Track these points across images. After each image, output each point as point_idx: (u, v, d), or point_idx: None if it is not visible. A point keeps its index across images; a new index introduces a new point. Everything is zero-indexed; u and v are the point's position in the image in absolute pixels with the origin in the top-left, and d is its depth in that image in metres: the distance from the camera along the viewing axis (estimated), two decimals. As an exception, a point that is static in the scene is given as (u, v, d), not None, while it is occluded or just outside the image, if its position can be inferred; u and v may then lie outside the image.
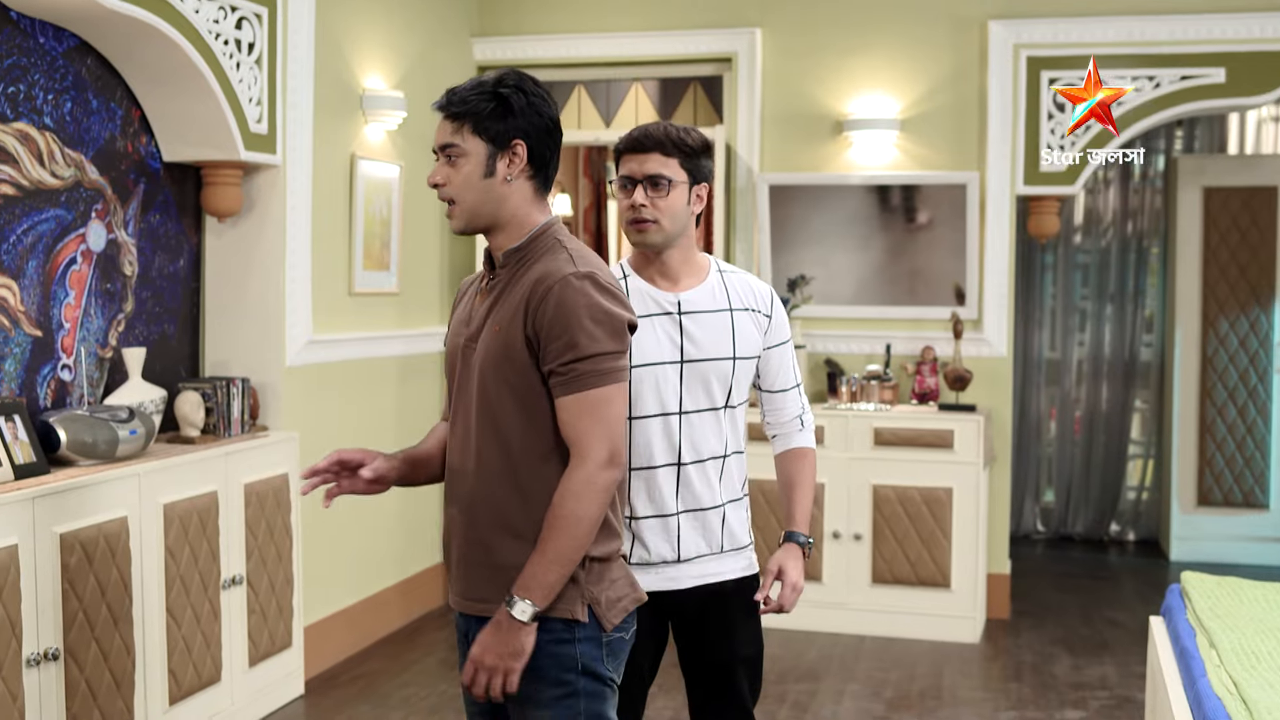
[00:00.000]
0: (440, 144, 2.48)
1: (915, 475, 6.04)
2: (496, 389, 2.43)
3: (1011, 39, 6.22)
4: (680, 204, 2.93)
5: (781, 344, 3.09)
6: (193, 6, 4.47)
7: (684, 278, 3.00)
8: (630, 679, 3.00)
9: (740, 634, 3.04)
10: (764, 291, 3.07)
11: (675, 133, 2.93)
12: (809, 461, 3.15)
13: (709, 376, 2.95)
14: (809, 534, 3.09)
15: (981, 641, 6.00)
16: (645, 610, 2.98)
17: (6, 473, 3.79)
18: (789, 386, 3.13)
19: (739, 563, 3.04)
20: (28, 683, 3.59)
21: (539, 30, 6.82)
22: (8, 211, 4.13)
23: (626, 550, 2.96)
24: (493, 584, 2.44)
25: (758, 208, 6.53)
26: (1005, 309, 6.34)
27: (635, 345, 2.93)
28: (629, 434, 2.94)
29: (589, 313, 2.37)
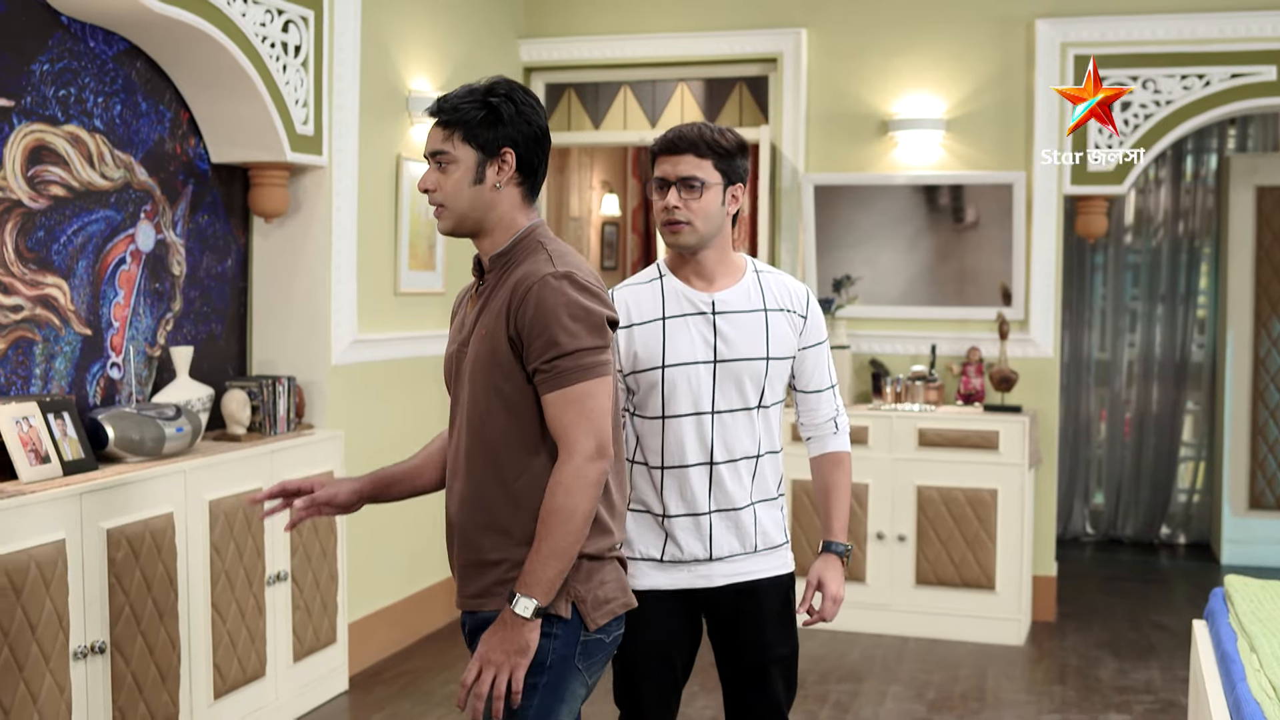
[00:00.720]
0: (431, 150, 2.54)
1: (960, 476, 6.01)
2: (484, 391, 2.48)
3: (1059, 37, 6.18)
4: (714, 205, 2.93)
5: (817, 345, 3.07)
6: (240, 10, 4.53)
7: (719, 278, 2.99)
8: (663, 676, 3.02)
9: (773, 634, 3.03)
10: (800, 292, 3.06)
11: (709, 134, 2.93)
12: (844, 467, 3.13)
13: (742, 376, 2.95)
14: (848, 541, 3.08)
15: (1026, 644, 5.96)
16: (679, 607, 3.00)
17: (55, 469, 3.86)
18: (823, 387, 3.11)
19: (772, 562, 3.03)
20: (75, 675, 3.66)
21: (585, 31, 6.84)
22: (58, 212, 4.20)
23: (659, 550, 2.98)
24: (485, 580, 2.49)
25: (802, 208, 6.52)
26: (1052, 309, 6.30)
27: (669, 345, 2.94)
28: (661, 432, 2.96)
29: (568, 310, 2.41)
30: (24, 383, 4.09)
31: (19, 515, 3.51)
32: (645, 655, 3.00)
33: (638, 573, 3.00)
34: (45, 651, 3.54)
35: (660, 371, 2.94)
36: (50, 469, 3.84)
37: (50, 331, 4.19)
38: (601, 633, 2.52)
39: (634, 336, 2.97)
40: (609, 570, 2.54)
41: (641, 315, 2.98)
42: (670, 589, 2.98)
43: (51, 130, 4.16)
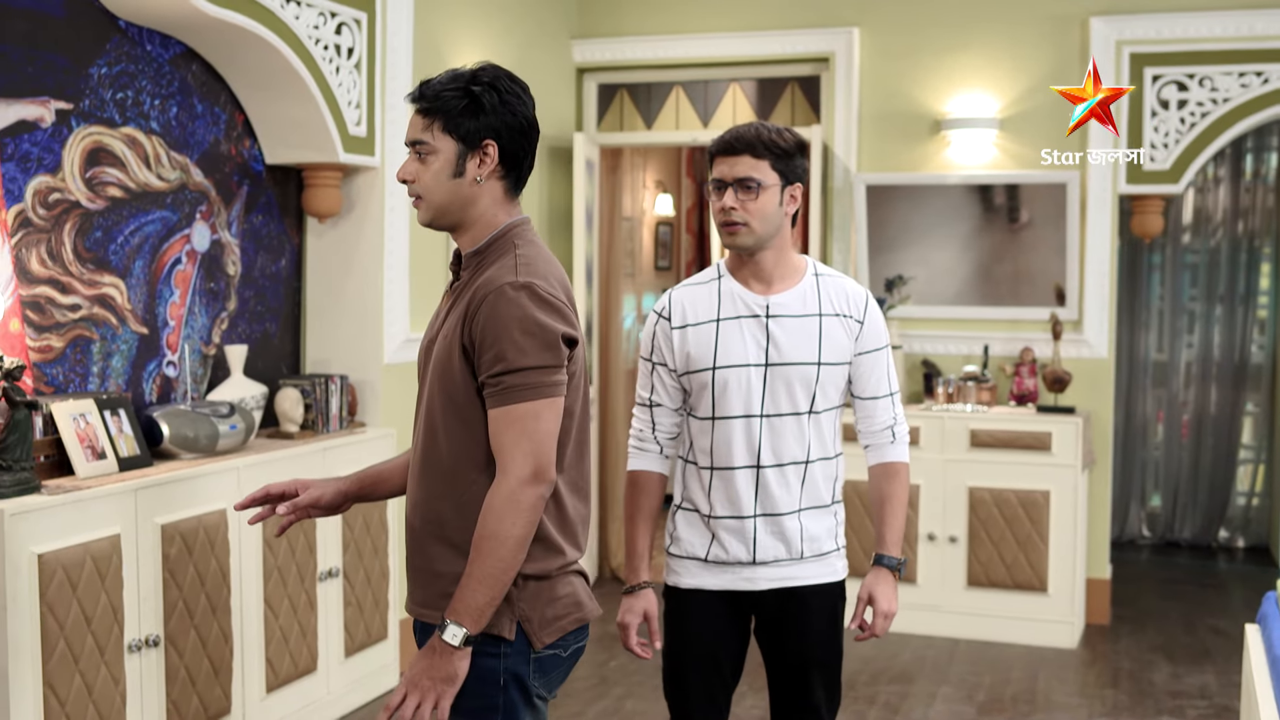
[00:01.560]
0: (410, 139, 2.42)
1: (1012, 477, 5.97)
2: (440, 396, 2.38)
3: (1114, 35, 6.12)
4: (771, 206, 2.90)
5: (874, 350, 3.01)
6: (293, 13, 4.59)
7: (777, 280, 2.97)
8: (708, 674, 3.01)
9: (816, 641, 3.01)
10: (858, 296, 3.01)
11: (767, 134, 2.90)
12: (900, 478, 3.06)
13: (792, 381, 2.92)
14: (902, 554, 3.01)
15: (1079, 647, 5.91)
16: (725, 608, 2.99)
17: (111, 465, 3.93)
18: (880, 395, 3.04)
19: (819, 569, 3.00)
20: (129, 668, 3.72)
21: (638, 32, 6.86)
22: (116, 213, 4.28)
23: (705, 550, 2.97)
24: (430, 590, 2.40)
25: (855, 208, 6.50)
26: (1107, 310, 6.24)
27: (721, 346, 2.93)
28: (710, 432, 2.96)
29: (520, 325, 2.29)
30: (82, 380, 4.17)
31: (76, 510, 3.58)
32: (691, 653, 3.02)
33: (684, 571, 3.01)
34: (100, 644, 3.60)
35: (711, 373, 2.94)
36: (106, 465, 3.91)
37: (107, 330, 4.26)
38: (557, 647, 2.42)
39: (687, 337, 2.97)
40: (560, 587, 2.41)
41: (696, 316, 2.98)
42: (715, 589, 2.98)
43: (109, 132, 4.24)
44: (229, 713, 4.17)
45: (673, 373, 3.01)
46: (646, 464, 3.08)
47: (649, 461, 3.08)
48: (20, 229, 3.92)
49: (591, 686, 5.28)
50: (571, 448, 2.42)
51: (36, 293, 3.99)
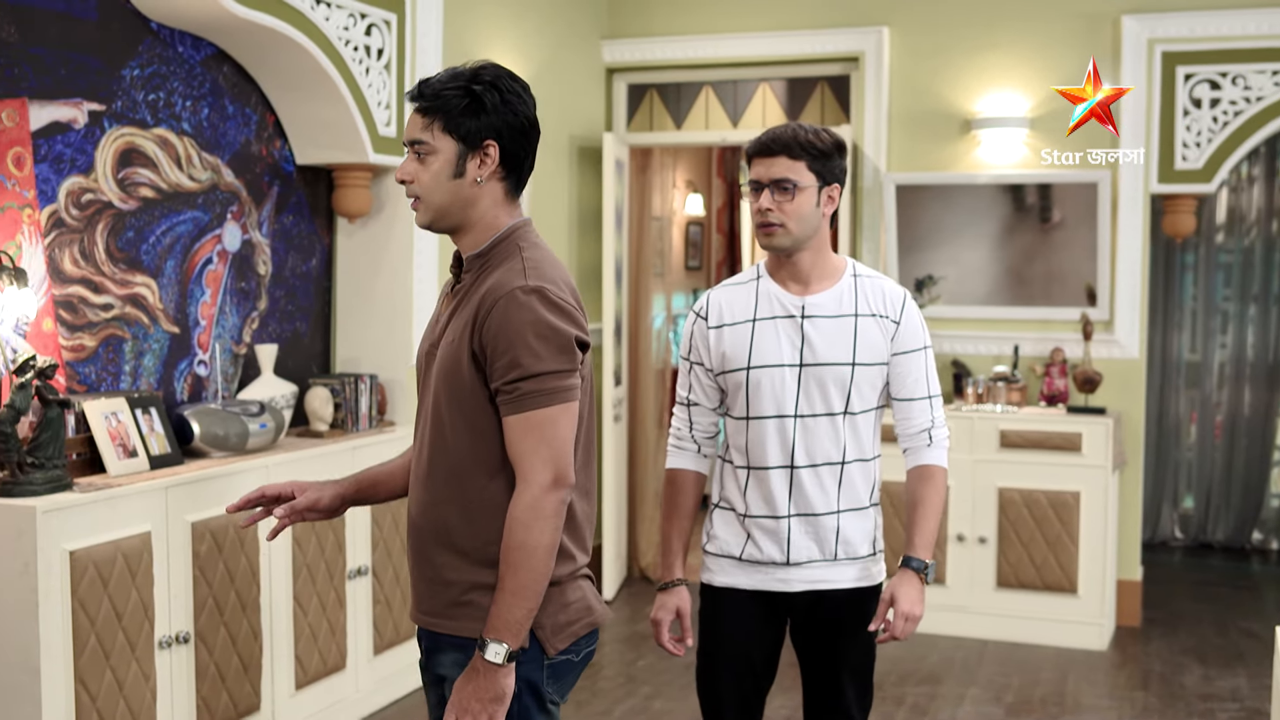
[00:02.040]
0: (409, 139, 2.38)
1: (1042, 478, 5.95)
2: (447, 402, 2.33)
3: (1145, 33, 6.09)
4: (808, 207, 2.90)
5: (911, 351, 2.97)
6: (323, 14, 4.62)
7: (815, 281, 2.96)
8: (740, 673, 3.02)
9: (848, 643, 3.00)
10: (895, 297, 2.98)
11: (804, 135, 2.89)
12: (935, 482, 3.01)
13: (826, 382, 2.91)
14: (930, 558, 2.96)
15: (1109, 649, 5.88)
16: (758, 608, 2.99)
17: (142, 463, 3.96)
18: (917, 396, 3.00)
19: (853, 572, 2.99)
20: (160, 664, 3.76)
21: (667, 32, 6.87)
22: (147, 213, 4.32)
23: (739, 549, 2.98)
24: (438, 599, 2.36)
25: (884, 207, 6.49)
26: (1138, 310, 6.21)
27: (756, 346, 2.94)
28: (745, 432, 2.96)
29: (534, 329, 2.26)
30: (114, 379, 4.21)
31: (107, 508, 3.62)
32: (723, 651, 3.02)
33: (719, 569, 3.02)
34: (131, 640, 3.64)
35: (745, 373, 2.94)
36: (137, 463, 3.95)
37: (139, 329, 4.30)
38: (569, 653, 2.40)
39: (723, 337, 2.98)
40: (571, 592, 2.40)
41: (733, 316, 2.99)
42: (749, 589, 2.99)
43: (141, 133, 4.28)
44: (258, 709, 4.20)
45: (709, 372, 3.02)
46: (683, 462, 3.09)
47: (686, 460, 3.09)
48: (53, 229, 3.97)
49: (619, 685, 5.29)
50: (580, 451, 2.39)
51: (69, 292, 4.03)
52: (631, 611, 6.44)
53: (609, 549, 6.66)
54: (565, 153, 6.61)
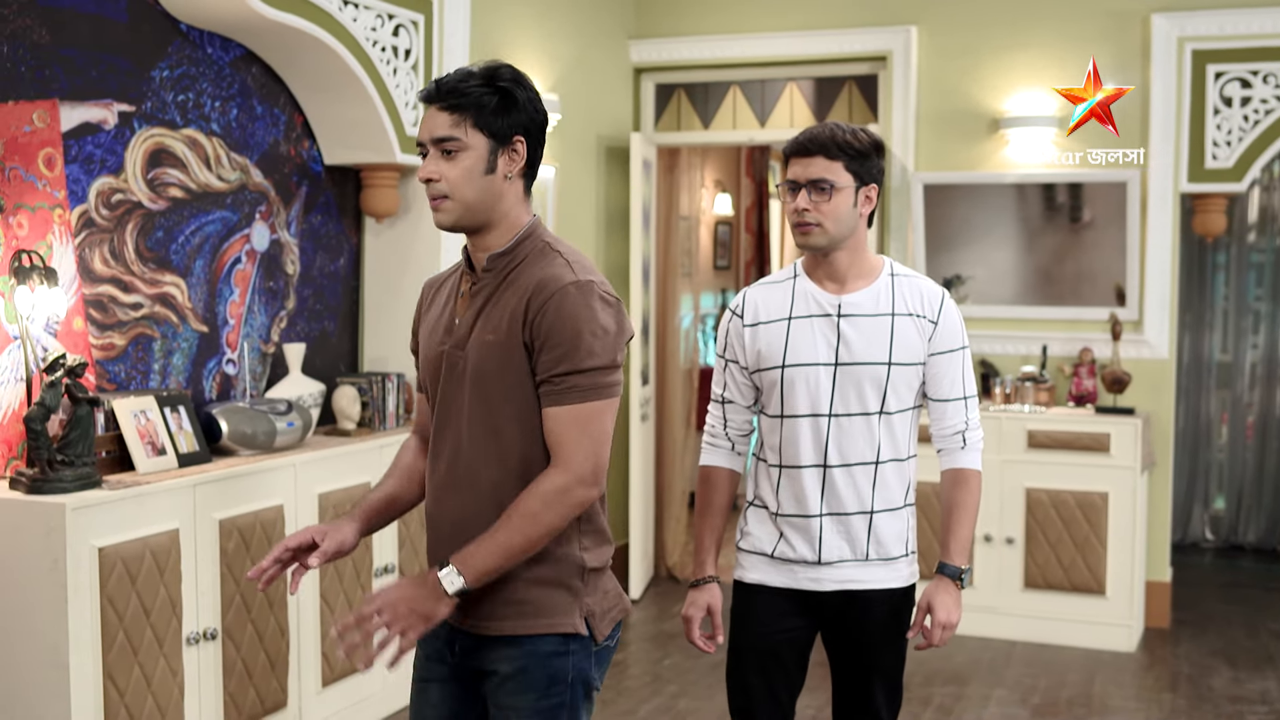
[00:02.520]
0: (435, 136, 2.35)
1: (1070, 479, 5.92)
2: (497, 400, 2.35)
3: (1175, 32, 6.05)
4: (845, 207, 2.89)
5: (947, 352, 2.96)
6: (351, 15, 4.64)
7: (851, 280, 2.95)
8: (770, 670, 3.00)
9: (878, 645, 2.99)
10: (933, 297, 2.96)
11: (841, 135, 2.88)
12: (969, 485, 2.99)
13: (862, 381, 2.90)
14: (966, 564, 2.95)
15: (1138, 650, 5.86)
16: (789, 605, 2.98)
17: (171, 461, 4.00)
18: (951, 397, 2.98)
19: (885, 573, 2.97)
20: (188, 660, 3.79)
21: (695, 31, 6.88)
22: (177, 213, 4.35)
23: (771, 546, 2.97)
24: (489, 601, 2.37)
25: (912, 207, 6.48)
26: (1167, 310, 6.17)
27: (791, 345, 2.93)
28: (779, 430, 2.96)
29: (589, 325, 2.30)
30: (143, 378, 4.24)
31: (135, 505, 3.65)
32: (753, 648, 3.01)
33: (750, 565, 3.02)
34: (159, 636, 3.67)
35: (780, 371, 2.94)
36: (166, 461, 3.98)
37: (168, 328, 4.34)
38: (610, 639, 2.47)
39: (758, 335, 2.98)
40: (608, 579, 2.47)
41: (769, 314, 2.98)
42: (780, 586, 2.98)
43: (170, 134, 4.31)
44: (285, 706, 4.23)
45: (744, 370, 3.02)
46: (717, 460, 3.10)
47: (720, 457, 3.10)
48: (84, 229, 4.01)
49: (645, 685, 5.30)
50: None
51: (99, 291, 4.07)
52: (658, 611, 6.45)
53: (636, 548, 6.67)
54: (593, 153, 6.62)
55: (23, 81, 3.78)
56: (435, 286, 2.57)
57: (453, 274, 2.55)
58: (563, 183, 6.23)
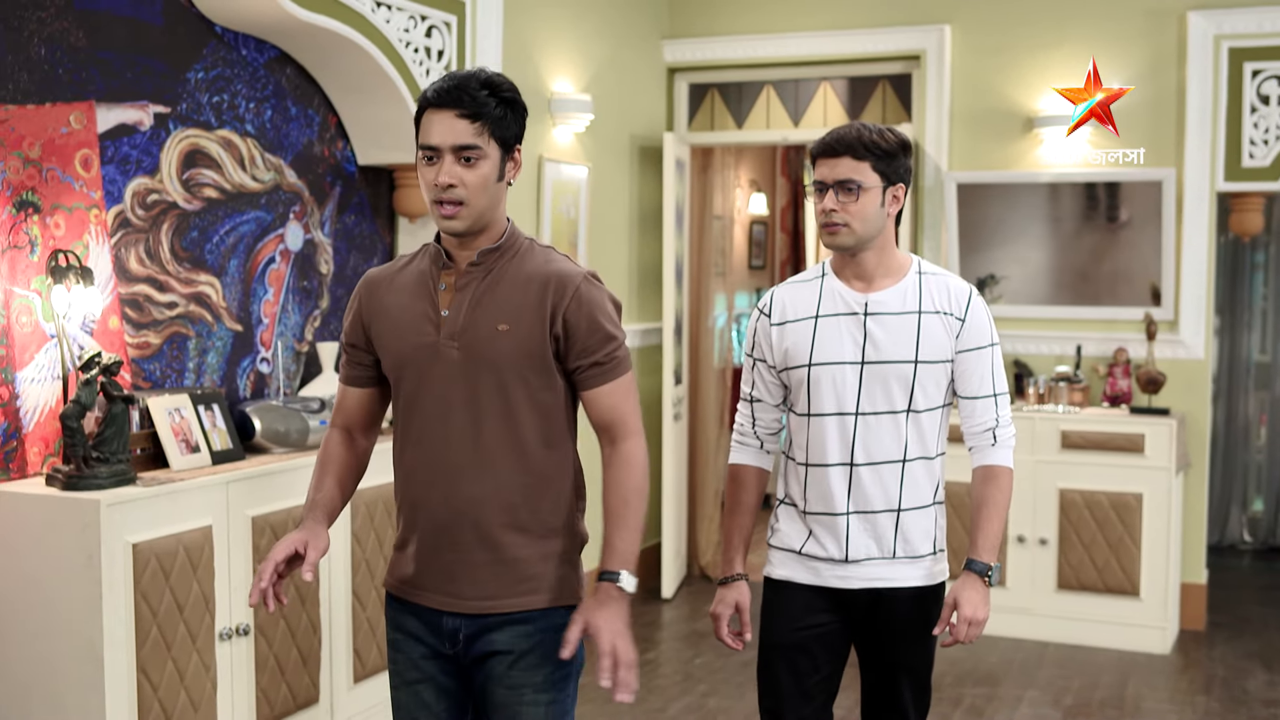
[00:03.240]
0: (459, 144, 2.42)
1: (1104, 480, 5.89)
2: (512, 385, 2.47)
3: (1212, 30, 6.01)
4: (873, 207, 2.89)
5: (976, 349, 2.96)
6: (384, 17, 4.68)
7: (879, 278, 2.95)
8: (798, 667, 2.99)
9: (906, 644, 2.99)
10: (961, 294, 2.96)
11: (868, 135, 2.89)
12: (1000, 482, 2.98)
13: (889, 379, 2.90)
14: (995, 561, 2.94)
15: (1172, 652, 5.82)
16: (818, 602, 2.98)
17: (204, 458, 4.04)
18: (981, 394, 2.98)
19: (913, 571, 2.96)
20: (220, 655, 3.83)
21: (728, 31, 6.89)
22: (211, 213, 4.40)
23: (800, 543, 2.98)
24: (501, 580, 2.49)
25: (945, 206, 6.46)
26: (1203, 310, 6.13)
27: (818, 343, 2.94)
28: (806, 429, 2.97)
29: (606, 309, 2.51)
30: (178, 376, 4.29)
31: (169, 502, 3.70)
32: (782, 644, 3.01)
33: (779, 562, 3.03)
34: (192, 631, 3.71)
35: (807, 370, 2.95)
36: (200, 458, 4.03)
37: (203, 327, 4.39)
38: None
39: (785, 333, 2.99)
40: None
41: (796, 313, 2.99)
42: (808, 583, 2.99)
43: (205, 135, 4.36)
44: (317, 701, 4.27)
45: (772, 368, 3.03)
46: (746, 458, 3.12)
47: (748, 456, 3.12)
48: (119, 229, 4.06)
49: (676, 683, 5.31)
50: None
51: (135, 291, 4.12)
52: (690, 610, 6.46)
53: (669, 547, 6.68)
54: (626, 152, 6.64)
55: (60, 84, 3.84)
56: (385, 283, 2.61)
57: (404, 269, 2.61)
58: (595, 183, 6.25)
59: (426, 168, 2.47)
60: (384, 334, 2.58)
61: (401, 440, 2.59)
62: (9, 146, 3.68)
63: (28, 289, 3.74)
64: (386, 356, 2.59)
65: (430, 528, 2.54)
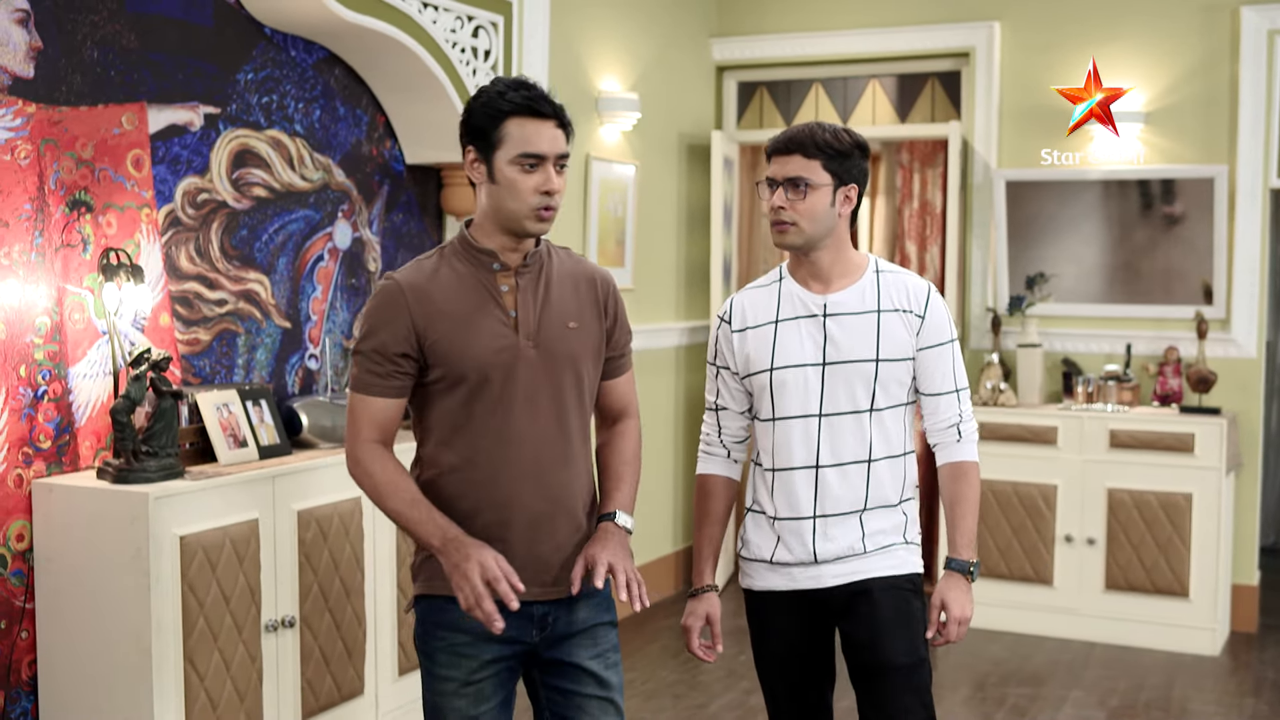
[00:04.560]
0: (562, 154, 2.62)
1: (1153, 479, 5.84)
2: (586, 379, 2.69)
3: (1265, 24, 5.94)
4: (821, 206, 2.87)
5: (937, 345, 2.95)
6: (430, 18, 4.73)
7: (835, 279, 2.94)
8: (793, 675, 2.98)
9: (890, 639, 2.88)
10: (919, 291, 2.96)
11: (821, 134, 2.88)
12: (969, 478, 2.98)
13: (852, 379, 2.89)
14: (975, 557, 2.93)
15: (1222, 654, 5.77)
16: (798, 607, 2.95)
17: (252, 453, 4.12)
18: (944, 391, 2.97)
19: (886, 561, 2.92)
20: (266, 646, 3.90)
21: (777, 29, 6.89)
22: (261, 212, 4.48)
23: (770, 552, 2.95)
24: (572, 562, 2.66)
25: (994, 204, 6.43)
26: (1256, 308, 6.07)
27: (779, 347, 2.93)
28: (772, 434, 2.95)
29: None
30: (227, 372, 4.37)
31: (217, 495, 3.77)
32: (773, 654, 3.01)
33: (754, 573, 3.01)
34: (238, 623, 3.79)
35: (769, 374, 2.93)
36: (247, 453, 4.10)
37: (252, 324, 4.46)
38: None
39: (747, 339, 2.97)
40: None
41: (756, 319, 2.98)
42: (786, 590, 2.95)
43: (255, 135, 4.43)
44: (362, 693, 4.33)
45: (735, 375, 3.02)
46: (713, 468, 3.10)
47: (715, 465, 3.10)
48: (170, 228, 4.14)
49: (719, 679, 5.34)
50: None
51: (185, 288, 4.20)
52: (736, 605, 6.45)
53: (714, 544, 6.69)
54: (674, 151, 6.66)
55: (112, 85, 3.92)
56: (431, 289, 2.60)
57: (436, 273, 2.62)
58: (643, 181, 6.28)
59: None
60: (451, 341, 2.57)
61: (471, 444, 2.60)
62: (63, 147, 3.76)
63: (80, 286, 3.82)
64: (457, 363, 2.57)
65: (525, 523, 2.60)
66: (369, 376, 2.62)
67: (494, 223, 2.64)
